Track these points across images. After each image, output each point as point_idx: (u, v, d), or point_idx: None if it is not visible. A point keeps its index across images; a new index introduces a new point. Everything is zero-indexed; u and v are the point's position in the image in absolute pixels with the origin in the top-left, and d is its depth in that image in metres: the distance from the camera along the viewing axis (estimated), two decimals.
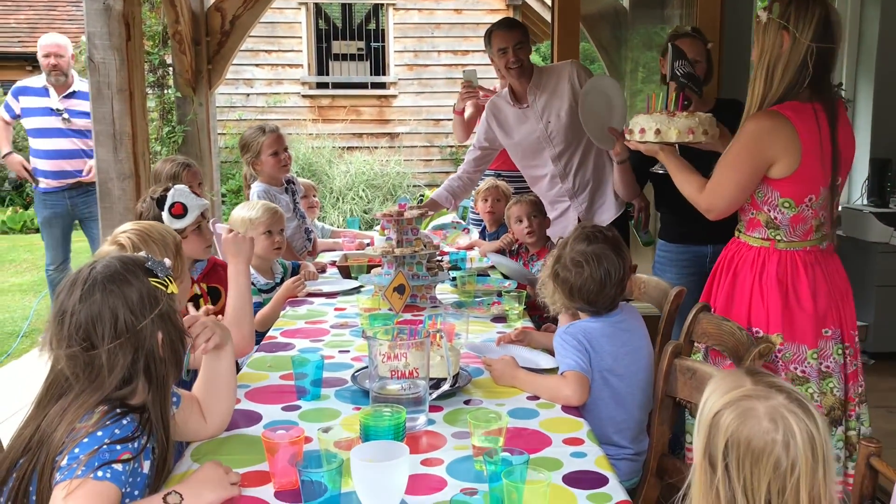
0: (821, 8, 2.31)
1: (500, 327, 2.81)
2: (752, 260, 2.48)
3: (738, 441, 1.21)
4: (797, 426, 1.21)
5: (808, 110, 2.32)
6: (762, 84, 2.36)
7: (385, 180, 10.93)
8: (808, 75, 2.31)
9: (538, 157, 3.85)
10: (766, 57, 2.36)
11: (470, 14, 11.50)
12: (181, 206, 2.69)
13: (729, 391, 1.27)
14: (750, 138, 2.36)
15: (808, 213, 2.38)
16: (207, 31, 5.40)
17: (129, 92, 3.86)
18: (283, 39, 11.37)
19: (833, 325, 2.43)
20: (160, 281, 1.54)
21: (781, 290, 2.42)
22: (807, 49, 2.30)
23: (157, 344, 1.52)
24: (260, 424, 1.90)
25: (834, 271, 2.46)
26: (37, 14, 12.23)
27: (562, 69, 3.76)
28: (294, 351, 2.51)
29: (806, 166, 2.32)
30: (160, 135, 5.94)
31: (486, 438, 1.67)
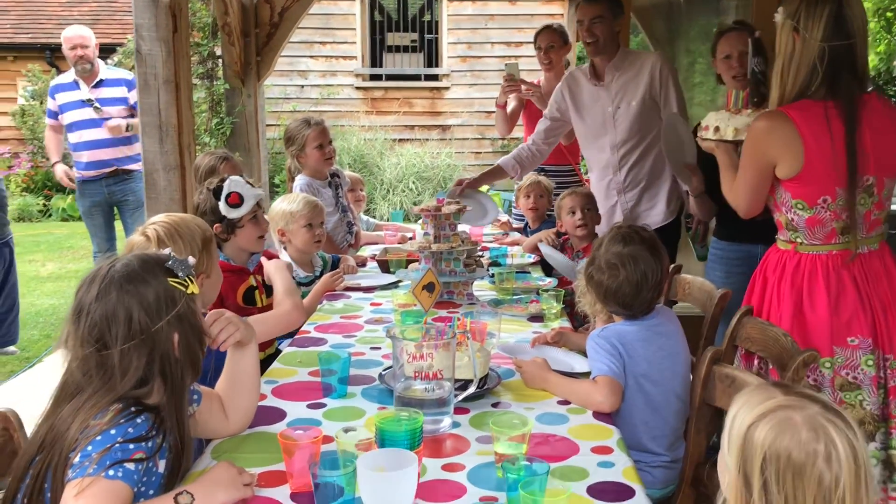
0: (831, 4, 2.20)
1: (536, 327, 2.75)
2: (776, 263, 2.42)
3: (778, 454, 1.14)
4: (838, 436, 1.14)
5: (818, 109, 2.22)
6: (778, 85, 2.30)
7: (435, 172, 10.91)
8: (818, 75, 2.22)
9: (598, 141, 3.79)
10: (780, 58, 2.30)
11: (524, 5, 11.38)
12: (237, 196, 2.72)
13: (760, 403, 1.20)
14: (751, 139, 2.31)
15: (825, 215, 2.27)
16: (256, 23, 5.42)
17: (176, 83, 3.89)
18: (338, 31, 11.41)
19: (863, 334, 2.30)
20: (180, 281, 1.52)
21: (795, 296, 2.34)
22: (818, 49, 2.21)
23: (173, 345, 1.50)
24: (283, 422, 1.88)
25: (876, 278, 2.32)
26: (99, 6, 12.50)
27: (647, 59, 3.70)
28: (326, 346, 2.49)
29: (812, 166, 2.22)
30: (209, 126, 6.00)
31: (509, 445, 1.62)
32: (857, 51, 2.24)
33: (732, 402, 1.25)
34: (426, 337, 1.92)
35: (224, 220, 2.72)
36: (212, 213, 2.71)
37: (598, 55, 3.67)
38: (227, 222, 2.72)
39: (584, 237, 3.66)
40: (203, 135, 5.96)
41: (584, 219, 3.60)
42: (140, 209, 5.12)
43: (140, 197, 5.16)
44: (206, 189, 2.78)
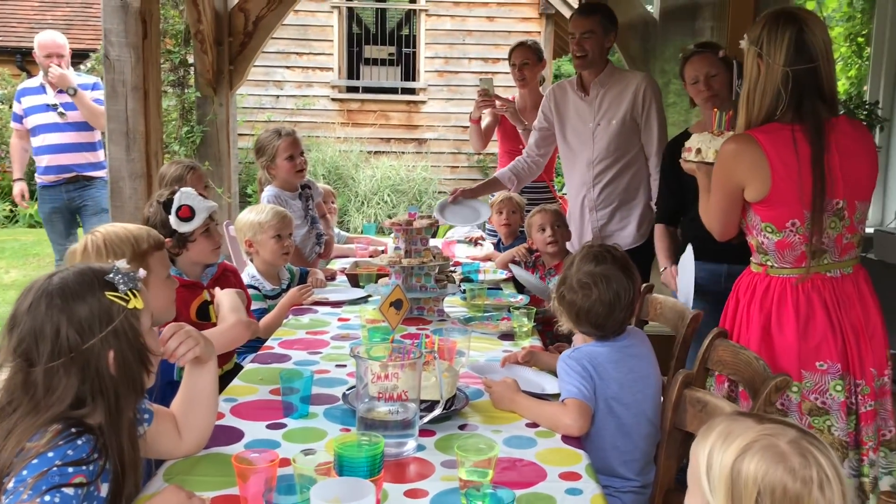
0: (791, 29, 2.19)
1: (507, 345, 2.70)
2: (748, 284, 2.40)
3: (773, 486, 1.08)
4: (824, 460, 1.10)
5: (786, 132, 2.20)
6: (744, 111, 2.29)
7: (411, 186, 10.87)
8: (784, 100, 2.20)
9: (577, 155, 3.78)
10: (746, 83, 2.29)
11: (502, 22, 11.41)
12: (188, 209, 2.63)
13: (738, 436, 1.14)
14: (720, 162, 2.30)
15: (794, 238, 2.24)
16: (230, 32, 5.37)
17: (144, 90, 3.83)
18: (315, 42, 11.37)
19: (832, 359, 2.26)
20: (119, 295, 1.45)
21: (763, 318, 2.31)
22: (781, 74, 2.19)
23: (108, 363, 1.42)
24: (240, 443, 1.80)
25: (851, 303, 2.29)
26: (73, 11, 12.35)
27: (632, 79, 3.69)
28: (290, 363, 2.42)
29: (779, 190, 2.20)
30: (179, 134, 5.91)
31: (474, 470, 1.56)
32: (822, 74, 2.22)
33: (700, 440, 1.19)
34: (392, 356, 1.86)
35: (175, 234, 2.62)
36: (162, 227, 2.58)
37: (585, 69, 3.67)
38: (178, 236, 2.62)
39: (555, 254, 3.63)
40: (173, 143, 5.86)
41: (554, 236, 3.58)
42: (99, 215, 5.00)
43: (99, 203, 5.05)
44: (156, 202, 2.68)
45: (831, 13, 6.44)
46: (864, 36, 5.94)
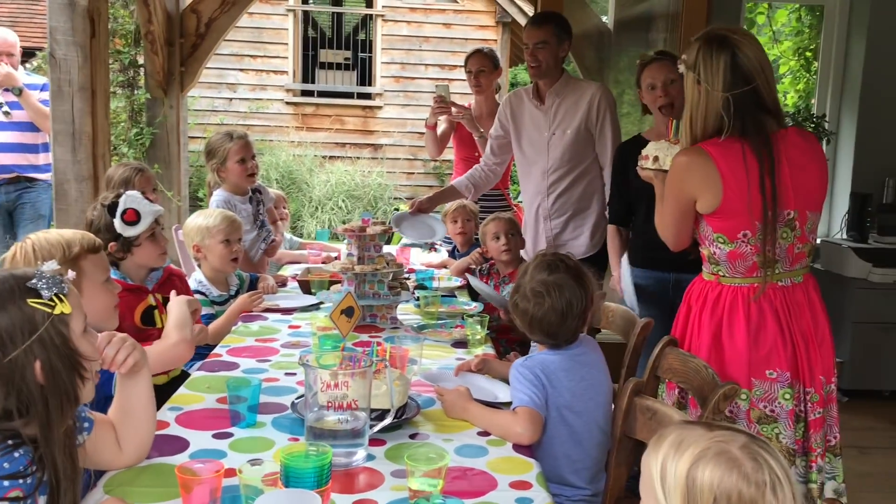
0: (726, 54, 2.23)
1: (460, 353, 2.69)
2: (699, 294, 2.43)
3: (729, 493, 1.09)
4: (775, 463, 1.11)
5: (736, 146, 2.23)
6: (688, 132, 2.32)
7: (366, 192, 10.80)
8: (727, 122, 2.24)
9: (532, 164, 3.78)
10: (688, 106, 2.32)
11: (458, 29, 11.44)
12: (134, 213, 2.57)
13: (691, 444, 1.14)
14: (672, 175, 2.33)
15: (745, 249, 2.28)
16: (182, 33, 5.28)
17: (92, 90, 3.74)
18: (269, 45, 11.25)
19: (782, 367, 2.30)
20: (43, 301, 1.39)
21: (713, 325, 2.34)
22: (721, 99, 2.23)
23: (35, 373, 1.36)
24: (185, 453, 1.76)
25: (801, 312, 2.33)
26: (18, 7, 12.05)
27: (587, 88, 3.70)
28: (238, 371, 2.37)
29: (730, 202, 2.24)
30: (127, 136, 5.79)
31: (423, 480, 1.54)
32: (762, 91, 2.26)
33: (652, 450, 1.19)
34: (342, 364, 1.83)
35: (120, 238, 2.55)
36: (106, 231, 2.53)
37: (540, 78, 3.68)
38: (123, 240, 2.56)
39: (509, 262, 3.64)
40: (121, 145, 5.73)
41: (508, 244, 3.59)
42: (36, 222, 4.86)
43: (39, 209, 4.91)
44: (100, 205, 2.61)
45: (781, 27, 6.58)
46: (811, 50, 6.08)
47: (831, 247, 4.85)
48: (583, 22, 5.21)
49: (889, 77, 4.96)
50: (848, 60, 5.18)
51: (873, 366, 4.70)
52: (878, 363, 4.71)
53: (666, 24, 4.87)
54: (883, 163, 5.03)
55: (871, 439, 4.18)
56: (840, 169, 5.23)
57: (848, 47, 5.18)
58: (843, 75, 5.22)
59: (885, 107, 4.99)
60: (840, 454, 2.44)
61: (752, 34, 2.37)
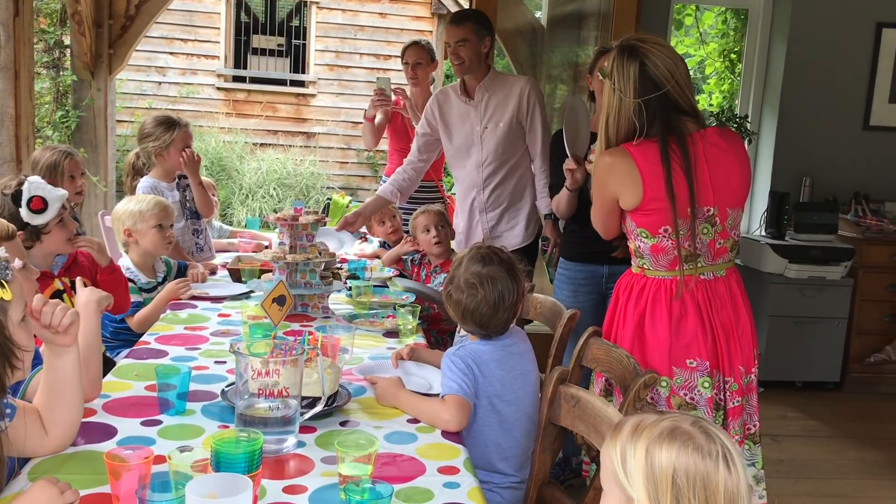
0: (635, 63, 2.35)
1: (391, 342, 2.71)
2: (626, 284, 2.53)
3: (686, 468, 1.15)
4: (724, 437, 1.18)
5: (654, 146, 2.33)
6: (604, 135, 2.43)
7: (298, 180, 10.70)
8: (638, 127, 2.35)
9: (465, 159, 3.82)
10: (604, 111, 2.44)
11: (394, 19, 11.40)
12: (40, 200, 2.49)
13: (646, 429, 1.20)
14: (596, 175, 2.47)
15: (666, 243, 2.38)
16: (111, 14, 5.14)
17: (15, 71, 3.63)
18: (201, 29, 11.04)
19: (702, 357, 2.40)
20: None
21: (637, 315, 2.44)
22: (632, 106, 2.35)
23: None
24: (113, 440, 1.75)
25: (720, 303, 2.44)
26: None
27: (516, 82, 3.75)
28: (167, 359, 2.35)
29: (649, 199, 2.34)
30: (52, 119, 5.62)
31: (353, 466, 1.57)
32: (674, 95, 2.36)
33: (610, 441, 1.24)
34: (274, 353, 1.84)
35: (28, 227, 2.49)
36: (12, 221, 2.41)
37: (465, 74, 3.73)
38: (31, 228, 2.49)
39: (441, 254, 3.69)
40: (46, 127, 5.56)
41: (438, 236, 3.65)
42: None
43: None
44: (0, 193, 2.51)
45: (707, 29, 6.78)
46: (736, 52, 6.29)
47: (750, 243, 5.04)
48: (516, 18, 5.28)
49: (808, 80, 5.17)
50: (770, 62, 5.38)
51: (787, 358, 4.92)
52: (792, 355, 4.92)
53: (597, 22, 4.97)
54: (801, 163, 5.24)
55: (784, 428, 4.38)
56: (760, 168, 5.43)
57: (770, 49, 5.37)
58: (765, 77, 5.42)
59: (804, 109, 5.20)
60: (759, 442, 2.56)
61: (664, 42, 2.47)
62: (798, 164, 5.25)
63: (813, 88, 5.18)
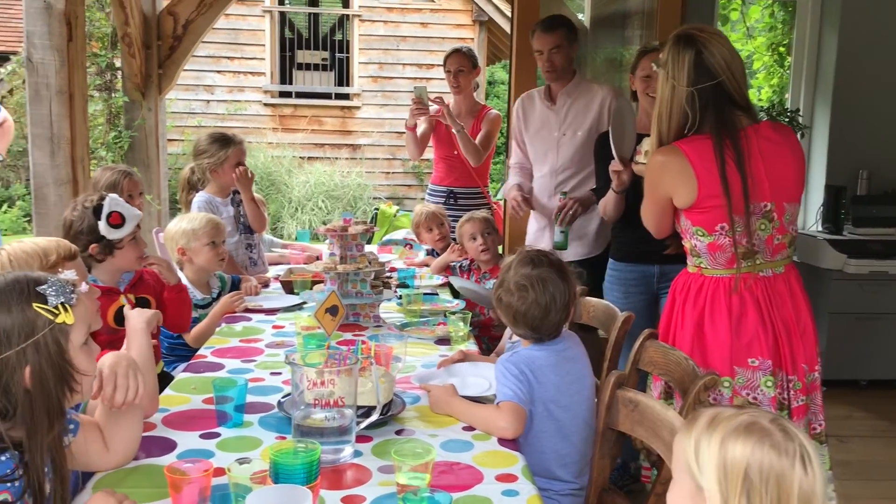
0: (690, 51, 2.32)
1: (443, 350, 2.71)
2: (683, 285, 2.48)
3: (760, 462, 1.13)
4: (803, 437, 1.15)
5: (707, 142, 2.29)
6: (656, 128, 2.40)
7: (346, 191, 10.81)
8: (690, 117, 2.32)
9: (542, 163, 3.83)
10: (658, 103, 2.40)
11: (435, 28, 11.46)
12: (119, 216, 2.59)
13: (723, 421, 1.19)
14: (649, 174, 2.43)
15: (724, 241, 2.33)
16: (159, 35, 5.25)
17: (70, 94, 3.73)
18: (246, 47, 11.23)
19: (763, 356, 2.35)
20: (48, 308, 1.39)
21: (696, 315, 2.39)
22: (685, 94, 2.32)
23: (24, 378, 1.36)
24: (173, 454, 1.77)
25: (780, 300, 2.38)
26: None
27: (599, 90, 3.75)
28: (223, 372, 2.38)
29: (705, 196, 2.29)
30: (106, 140, 5.76)
31: (411, 475, 1.56)
32: (728, 86, 2.32)
33: (684, 432, 1.23)
34: (328, 363, 1.85)
35: (102, 240, 2.56)
36: (89, 233, 2.54)
37: (554, 82, 3.74)
38: (105, 242, 2.57)
39: (489, 260, 3.68)
40: (100, 148, 5.70)
41: (485, 243, 3.65)
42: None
43: None
44: (81, 206, 2.61)
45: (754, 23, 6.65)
46: (785, 45, 6.16)
47: (807, 239, 4.92)
48: None
49: (861, 70, 5.04)
50: (821, 54, 5.26)
51: (850, 356, 4.78)
52: (855, 353, 4.79)
53: (641, 21, 4.92)
54: (856, 155, 5.10)
55: (850, 428, 4.25)
56: (814, 162, 5.30)
57: (821, 41, 5.25)
58: (815, 69, 5.29)
59: (858, 99, 5.07)
60: (825, 442, 2.49)
61: (722, 33, 2.45)
62: (854, 156, 5.11)
63: (866, 79, 5.04)
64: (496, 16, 11.05)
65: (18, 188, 10.66)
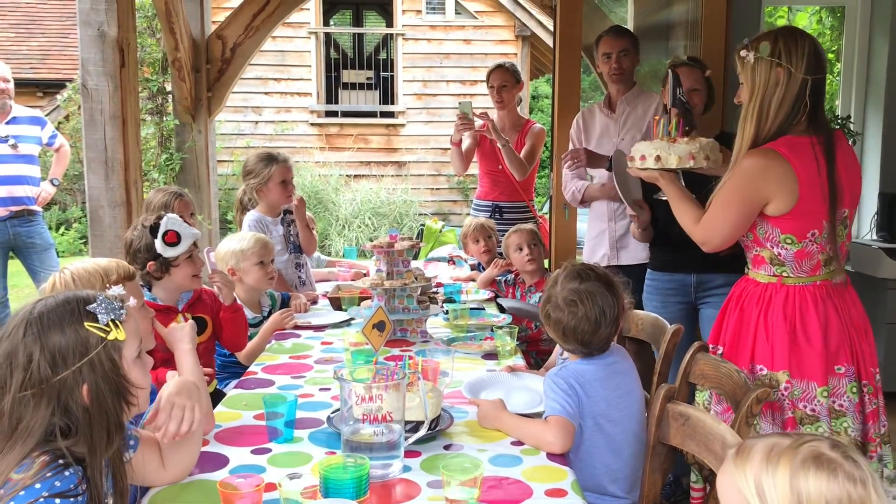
0: (809, 41, 2.29)
1: (490, 364, 2.70)
2: (759, 296, 2.40)
3: (839, 496, 1.08)
4: (864, 462, 1.11)
5: (805, 144, 2.26)
6: (754, 122, 2.31)
7: (392, 208, 10.89)
8: (805, 108, 2.27)
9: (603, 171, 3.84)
10: (757, 95, 2.30)
11: (478, 45, 11.53)
12: (175, 234, 2.66)
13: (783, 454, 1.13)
14: (742, 178, 2.29)
15: (812, 248, 2.29)
16: (208, 59, 5.38)
17: (123, 119, 3.83)
18: (293, 68, 11.42)
19: (847, 362, 2.32)
20: (100, 326, 1.43)
21: (788, 327, 2.32)
22: (802, 82, 2.26)
23: (82, 396, 1.40)
24: (225, 469, 1.80)
25: (850, 306, 2.36)
26: (49, 41, 12.32)
27: (654, 99, 3.81)
28: (273, 388, 2.41)
29: (805, 202, 2.25)
30: (158, 162, 5.90)
31: (460, 489, 1.57)
32: (825, 85, 2.32)
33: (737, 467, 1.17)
34: (376, 378, 1.86)
35: (159, 259, 2.64)
36: (146, 252, 2.64)
37: (621, 84, 3.82)
38: (161, 260, 2.65)
39: (534, 272, 3.68)
40: (152, 171, 5.85)
41: (531, 254, 3.66)
42: (49, 251, 4.96)
43: (48, 239, 4.98)
44: (141, 226, 2.70)
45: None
46: (833, 52, 6.05)
47: (862, 248, 4.80)
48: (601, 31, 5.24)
49: None
50: (871, 60, 5.15)
51: None
52: None
53: (685, 31, 4.87)
54: None
55: None
56: (868, 169, 5.18)
57: (871, 47, 5.14)
58: (866, 76, 5.18)
59: None
60: (889, 442, 2.44)
61: None
62: None
63: None
64: (539, 30, 11.06)
65: (75, 211, 10.98)
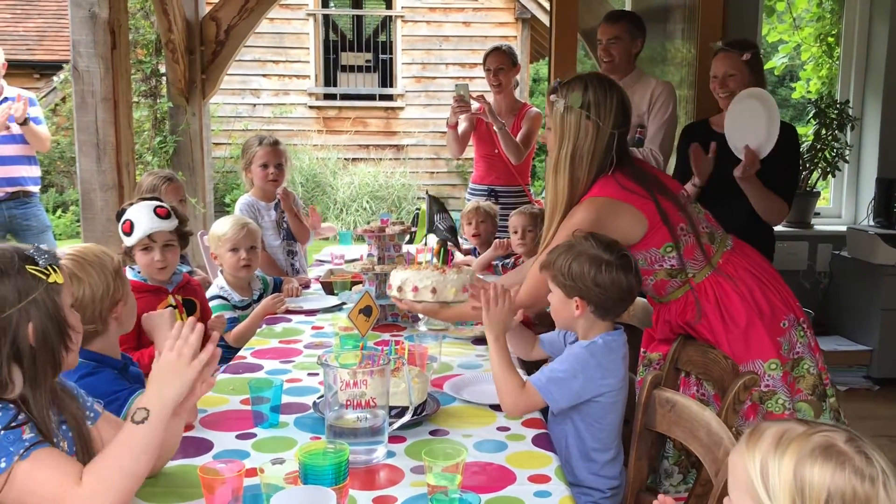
0: (617, 93, 2.31)
1: (480, 350, 2.70)
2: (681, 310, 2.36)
3: (842, 489, 1.06)
4: (881, 458, 1.08)
5: (610, 180, 2.28)
6: (567, 172, 2.31)
7: (390, 192, 10.86)
8: (612, 160, 2.29)
9: None
10: (567, 145, 2.31)
11: (478, 27, 11.45)
12: (129, 224, 2.72)
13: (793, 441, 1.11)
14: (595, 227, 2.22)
15: (690, 240, 2.31)
16: (202, 41, 5.34)
17: (114, 101, 3.81)
18: (291, 50, 11.36)
19: (785, 312, 2.32)
20: (40, 269, 1.45)
21: (719, 315, 2.29)
22: (609, 136, 2.28)
23: (28, 334, 1.42)
24: (209, 454, 1.79)
25: (754, 262, 2.38)
26: (45, 22, 12.24)
27: (650, 83, 3.76)
28: (262, 373, 2.41)
29: (653, 223, 2.27)
30: (151, 145, 5.87)
31: (441, 475, 1.56)
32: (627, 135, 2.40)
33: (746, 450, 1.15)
34: (361, 363, 1.85)
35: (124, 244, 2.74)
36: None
37: (612, 73, 3.73)
38: (125, 247, 2.73)
39: (525, 254, 3.69)
40: (145, 153, 5.82)
41: (522, 239, 3.66)
42: (45, 233, 4.87)
43: (44, 221, 4.90)
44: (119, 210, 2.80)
45: (801, 13, 6.49)
46: (833, 36, 6.00)
47: (858, 234, 4.79)
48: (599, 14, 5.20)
49: None
50: (871, 45, 5.12)
51: None
52: None
53: (683, 15, 4.84)
54: None
55: None
56: (866, 155, 5.16)
57: (871, 31, 5.11)
58: (866, 60, 5.15)
59: None
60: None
61: None
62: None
63: None
64: (539, 13, 10.99)
65: (72, 194, 10.95)
